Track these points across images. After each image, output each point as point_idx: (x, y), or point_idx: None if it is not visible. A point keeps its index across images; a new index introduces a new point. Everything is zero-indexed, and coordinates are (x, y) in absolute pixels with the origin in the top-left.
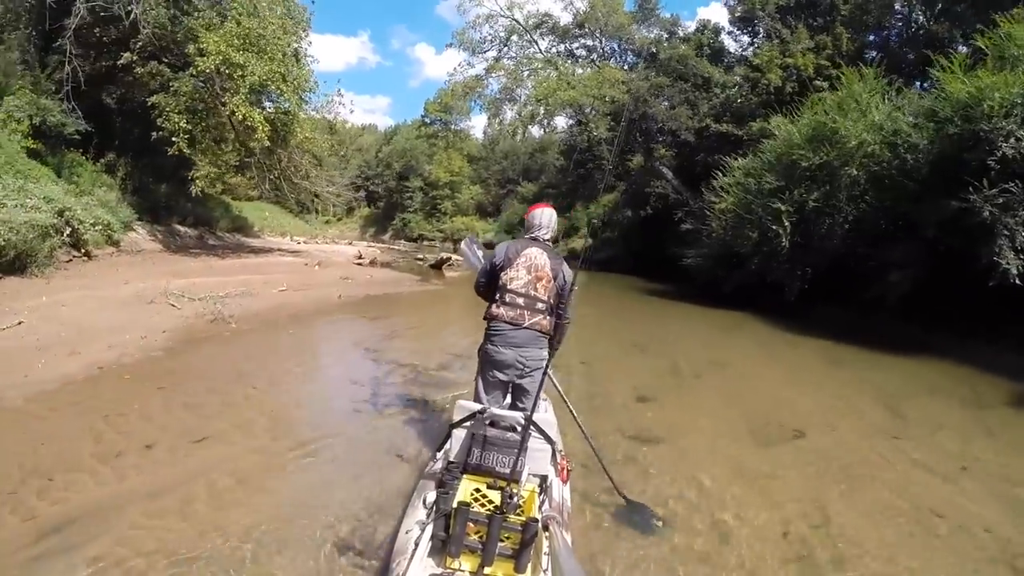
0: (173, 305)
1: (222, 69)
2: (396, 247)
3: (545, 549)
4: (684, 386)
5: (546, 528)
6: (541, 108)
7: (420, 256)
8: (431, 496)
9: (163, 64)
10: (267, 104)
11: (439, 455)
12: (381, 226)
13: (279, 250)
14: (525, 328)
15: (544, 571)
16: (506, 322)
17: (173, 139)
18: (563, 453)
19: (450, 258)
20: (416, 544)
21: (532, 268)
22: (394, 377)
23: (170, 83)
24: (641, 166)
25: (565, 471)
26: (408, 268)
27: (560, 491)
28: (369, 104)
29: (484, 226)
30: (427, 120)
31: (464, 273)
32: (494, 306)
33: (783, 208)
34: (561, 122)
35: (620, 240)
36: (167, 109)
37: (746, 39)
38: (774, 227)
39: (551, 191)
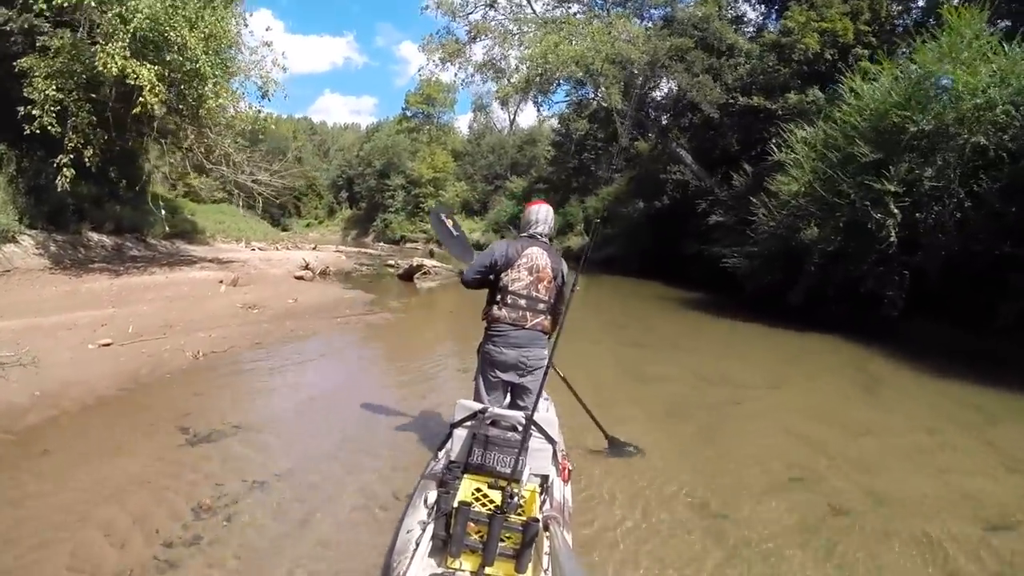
0: None
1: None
2: (371, 251)
3: (546, 549)
4: None
5: (547, 528)
6: (538, 70)
7: (392, 262)
8: (432, 496)
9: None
10: (170, 59)
11: (440, 455)
12: (363, 228)
13: (209, 261)
14: (527, 329)
15: (545, 571)
16: (508, 323)
17: (34, 113)
18: (564, 452)
19: (422, 265)
20: (417, 544)
21: (534, 269)
22: None
23: (42, 38)
24: (652, 149)
25: (566, 471)
26: (368, 280)
27: (561, 491)
28: (355, 105)
29: (471, 224)
30: (408, 113)
31: (444, 284)
32: (495, 308)
33: (890, 188)
34: (558, 102)
35: (624, 237)
36: (34, 73)
37: (763, 7)
38: (876, 214)
39: (542, 186)
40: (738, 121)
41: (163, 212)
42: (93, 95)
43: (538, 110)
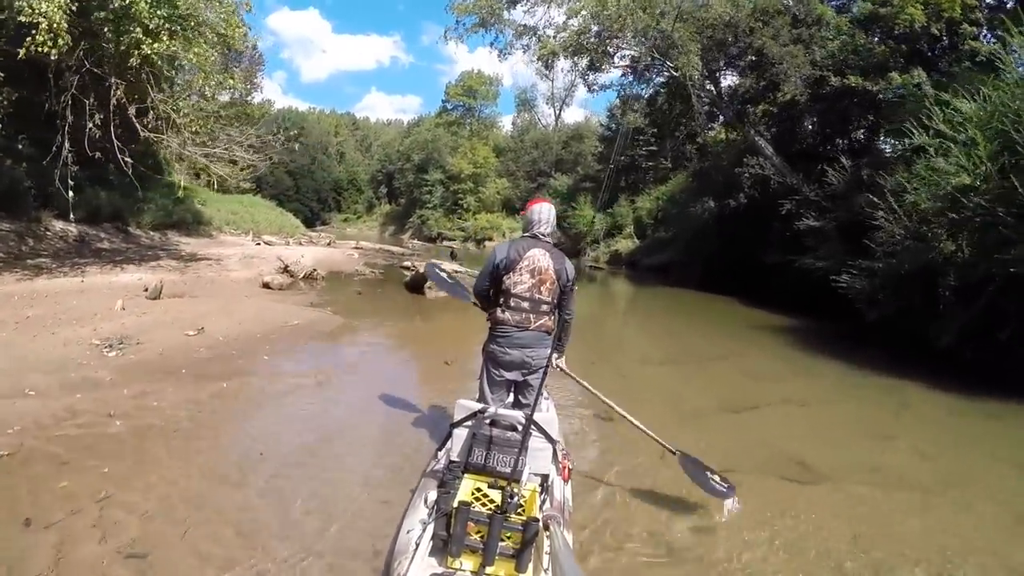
0: None
1: None
2: (398, 248)
3: (546, 549)
4: None
5: (547, 528)
6: (593, 25)
7: (409, 263)
8: (432, 495)
9: None
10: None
11: (440, 454)
12: (400, 224)
13: (177, 258)
14: (531, 330)
15: (545, 571)
16: (512, 326)
17: None
18: (565, 452)
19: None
20: (417, 543)
21: (536, 272)
22: None
23: None
24: (723, 139)
25: (567, 470)
26: (357, 292)
27: (562, 490)
28: (400, 103)
29: (511, 224)
30: (448, 106)
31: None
32: (499, 310)
33: None
34: (617, 66)
35: (683, 241)
36: None
37: None
38: None
39: (588, 184)
40: (828, 106)
41: (71, 195)
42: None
43: (589, 89)
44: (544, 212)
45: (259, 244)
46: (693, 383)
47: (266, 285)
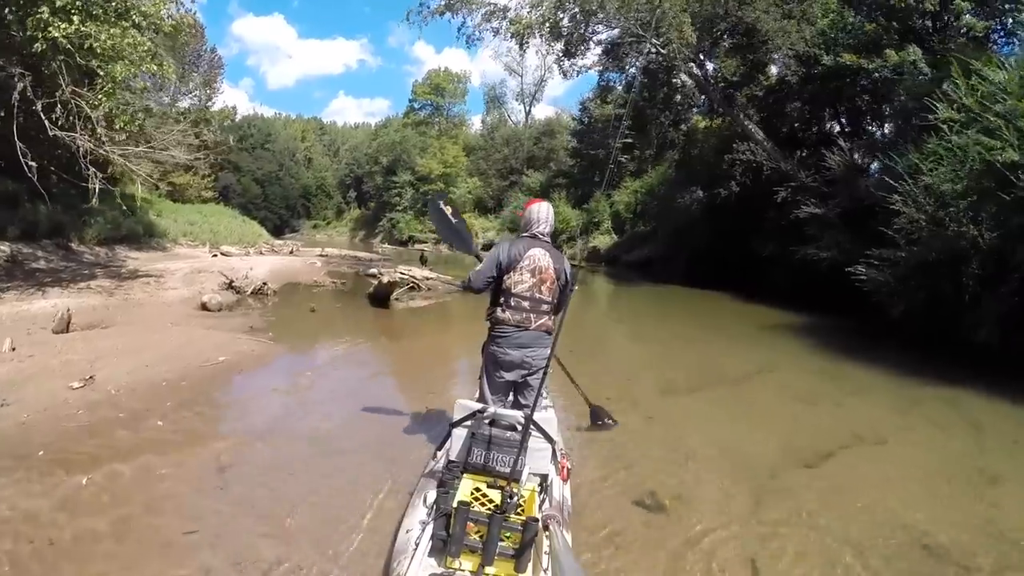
0: None
1: None
2: (366, 254)
3: (545, 548)
4: None
5: (546, 527)
6: (570, 3)
7: (376, 270)
8: (431, 495)
9: None
10: None
11: (440, 454)
12: (371, 228)
13: (112, 278)
14: (531, 330)
15: (544, 570)
16: (512, 325)
17: None
18: (564, 452)
19: (395, 283)
20: (416, 544)
21: (536, 271)
22: None
23: None
24: (706, 126)
25: (566, 470)
26: (312, 306)
27: (561, 490)
28: (369, 107)
29: (485, 224)
30: (416, 105)
31: (441, 303)
32: (499, 310)
33: None
34: (599, 42)
35: (667, 235)
36: None
37: None
38: None
39: (561, 180)
40: (819, 87)
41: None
42: None
43: (565, 76)
44: (543, 212)
45: (215, 256)
46: (744, 423)
47: (204, 306)
